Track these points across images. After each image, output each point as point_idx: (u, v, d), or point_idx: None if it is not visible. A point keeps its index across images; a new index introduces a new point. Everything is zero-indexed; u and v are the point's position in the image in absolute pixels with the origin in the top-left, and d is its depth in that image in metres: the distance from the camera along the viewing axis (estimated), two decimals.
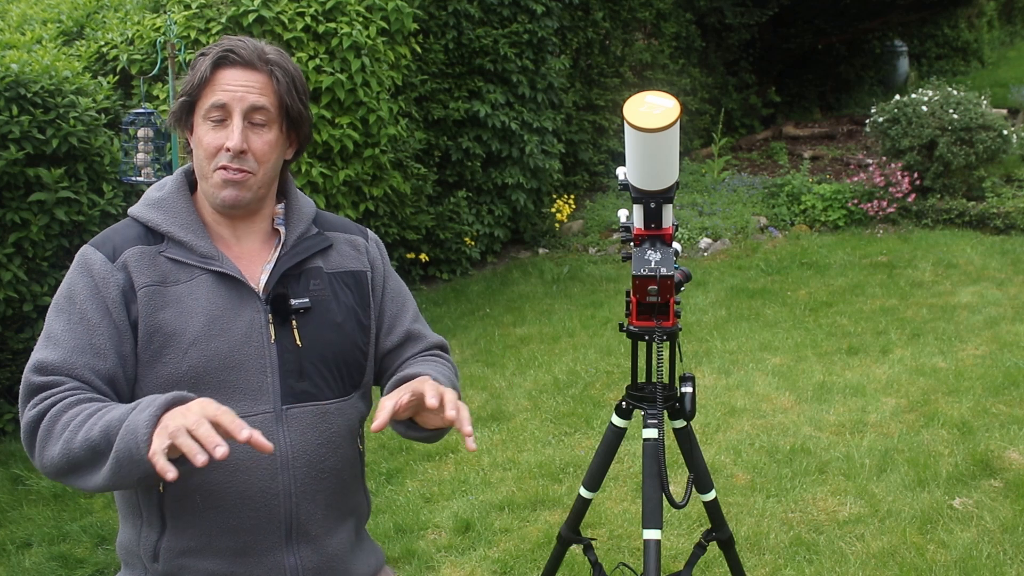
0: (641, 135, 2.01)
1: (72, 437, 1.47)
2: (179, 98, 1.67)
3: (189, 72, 1.67)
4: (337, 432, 1.70)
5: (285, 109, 1.66)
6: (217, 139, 1.63)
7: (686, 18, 11.26)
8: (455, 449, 4.54)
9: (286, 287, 1.68)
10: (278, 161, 1.71)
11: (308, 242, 1.74)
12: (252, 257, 1.71)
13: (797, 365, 5.46)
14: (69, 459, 1.48)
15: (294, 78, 1.68)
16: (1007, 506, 3.72)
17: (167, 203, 1.69)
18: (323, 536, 1.69)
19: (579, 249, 8.59)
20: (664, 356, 2.21)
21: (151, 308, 1.60)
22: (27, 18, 6.21)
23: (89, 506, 4.15)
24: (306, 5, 5.52)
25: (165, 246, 1.65)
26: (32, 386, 1.56)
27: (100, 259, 1.62)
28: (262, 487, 1.62)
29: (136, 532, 1.66)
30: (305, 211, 1.78)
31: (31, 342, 4.77)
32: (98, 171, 4.89)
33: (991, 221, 8.31)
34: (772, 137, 12.07)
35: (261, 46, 1.67)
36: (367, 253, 1.83)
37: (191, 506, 1.61)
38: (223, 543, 1.62)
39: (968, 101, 8.75)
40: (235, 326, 1.63)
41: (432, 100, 7.52)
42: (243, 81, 1.63)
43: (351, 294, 1.76)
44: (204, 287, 1.63)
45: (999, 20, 18.22)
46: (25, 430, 1.54)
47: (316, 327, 1.68)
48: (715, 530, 2.51)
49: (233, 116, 1.62)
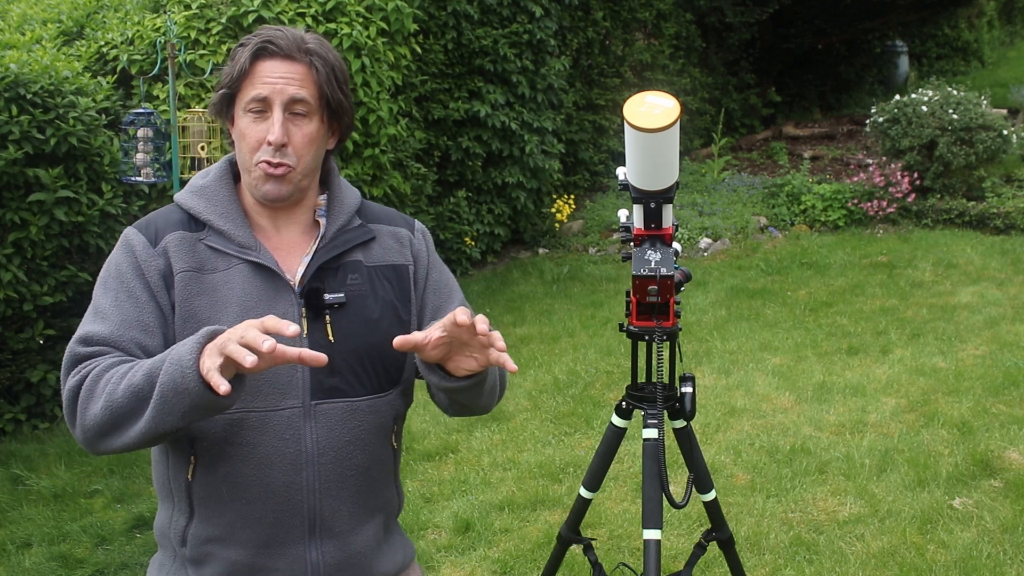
0: (641, 135, 2.00)
1: (114, 389, 1.47)
2: (219, 90, 1.66)
3: (228, 63, 1.66)
4: (367, 429, 1.67)
5: (325, 100, 1.65)
6: (259, 132, 1.62)
7: (686, 18, 11.26)
8: (455, 449, 4.54)
9: (322, 281, 1.66)
10: (319, 152, 1.69)
11: (348, 235, 1.71)
12: (291, 248, 1.69)
13: (797, 365, 5.46)
14: (112, 411, 1.47)
15: (334, 67, 1.66)
16: (1007, 506, 3.72)
17: (210, 191, 1.68)
18: (347, 533, 1.68)
19: (579, 249, 8.59)
20: (664, 356, 2.21)
21: (187, 294, 1.60)
22: (27, 18, 6.20)
23: (89, 506, 4.15)
24: (306, 5, 5.52)
25: (206, 234, 1.65)
26: (76, 356, 1.56)
27: (142, 242, 1.62)
28: (286, 481, 1.61)
29: (169, 516, 1.67)
30: (347, 203, 1.75)
31: (31, 342, 4.77)
32: (98, 171, 4.88)
33: (991, 221, 8.31)
34: (772, 137, 12.07)
35: (300, 35, 1.65)
36: (411, 246, 1.79)
37: (218, 495, 1.61)
38: (246, 534, 1.62)
39: (968, 101, 8.75)
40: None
41: (432, 100, 7.52)
42: (282, 72, 1.61)
43: (391, 288, 1.72)
44: (240, 277, 1.62)
45: (999, 20, 18.22)
46: (66, 398, 1.54)
47: (350, 323, 1.66)
48: (715, 530, 2.51)
49: (273, 108, 1.61)
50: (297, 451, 1.61)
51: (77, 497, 4.22)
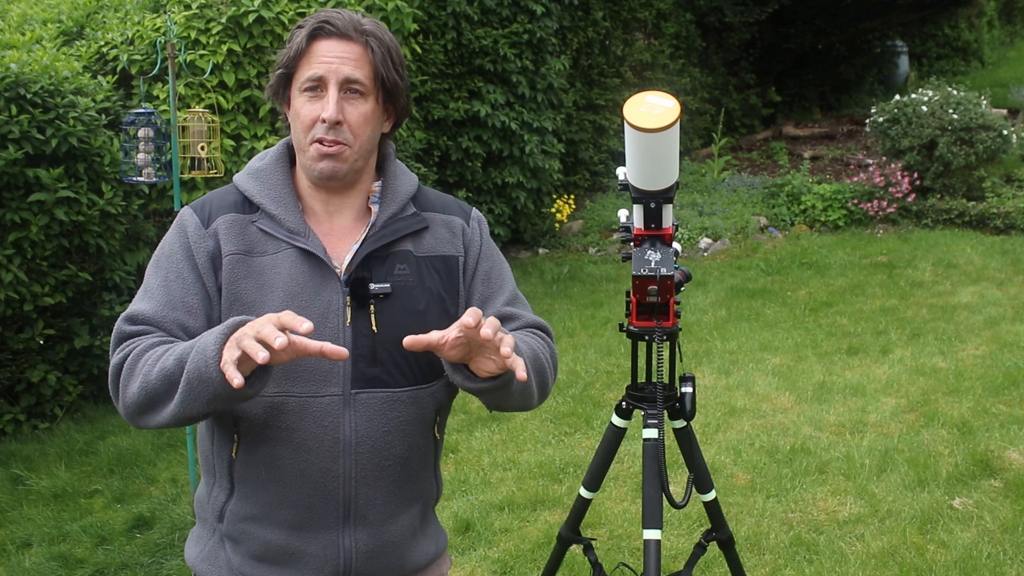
0: (641, 135, 2.00)
1: (150, 371, 1.51)
2: (276, 71, 1.66)
3: (286, 45, 1.66)
4: (407, 420, 1.66)
5: (381, 80, 1.64)
6: (313, 111, 1.61)
7: (686, 18, 11.26)
8: (455, 449, 4.54)
9: (369, 270, 1.65)
10: (375, 133, 1.68)
11: (400, 224, 1.70)
12: (342, 234, 1.68)
13: (797, 365, 5.46)
14: (147, 392, 1.51)
15: (390, 49, 1.65)
16: (1007, 506, 3.72)
17: (264, 174, 1.69)
18: (382, 522, 1.68)
19: (579, 249, 8.59)
20: (664, 356, 2.21)
21: (234, 276, 1.61)
22: (27, 18, 6.21)
23: (89, 506, 4.15)
24: (306, 5, 5.52)
25: (258, 216, 1.65)
26: (122, 334, 1.60)
27: (195, 223, 1.64)
28: (323, 468, 1.62)
29: (209, 489, 1.70)
30: (402, 190, 1.73)
31: (31, 342, 4.77)
32: (98, 171, 4.88)
33: (991, 221, 8.31)
34: (772, 137, 12.07)
35: (357, 18, 1.65)
36: (463, 236, 1.76)
37: (256, 475, 1.63)
38: (282, 515, 1.64)
39: (968, 101, 8.75)
40: (313, 305, 1.61)
41: (432, 100, 7.52)
42: (338, 52, 1.61)
43: (439, 280, 1.71)
44: (287, 262, 1.62)
45: (999, 20, 18.22)
46: (111, 374, 1.58)
47: (395, 313, 1.64)
48: (715, 530, 2.51)
49: (328, 87, 1.61)
50: (335, 439, 1.61)
51: (77, 497, 4.22)
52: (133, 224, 5.21)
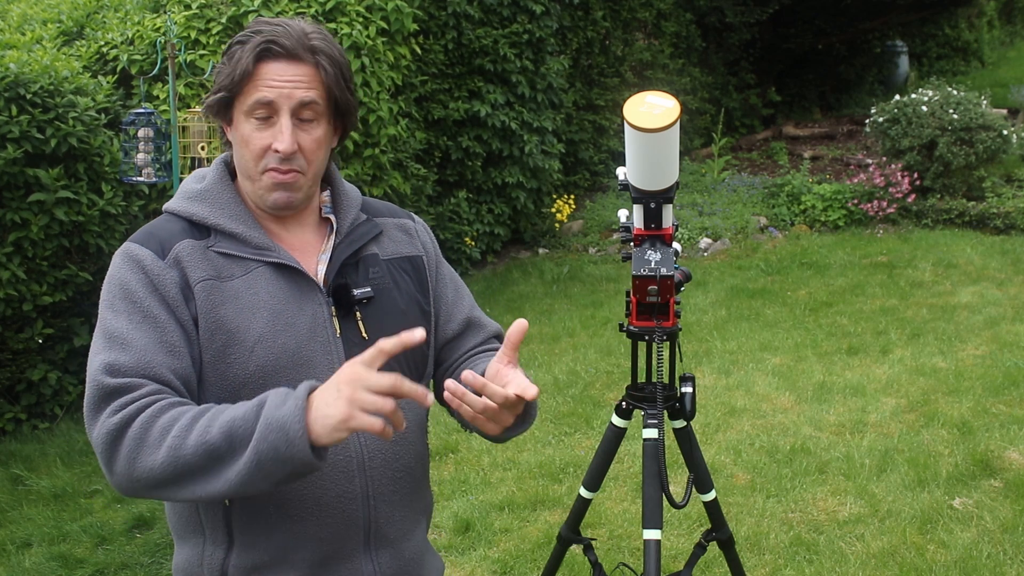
0: (641, 135, 2.00)
1: (180, 443, 1.35)
2: (217, 92, 1.54)
3: (224, 61, 1.53)
4: (409, 427, 1.58)
5: (334, 101, 1.55)
6: (264, 139, 1.51)
7: (686, 18, 11.26)
8: (455, 449, 4.54)
9: (346, 277, 1.58)
10: (327, 155, 1.61)
11: (360, 229, 1.64)
12: (305, 248, 1.60)
13: (797, 365, 5.46)
14: (177, 466, 1.35)
15: (341, 66, 1.56)
16: (1007, 506, 3.72)
17: (211, 195, 1.58)
18: (400, 539, 1.62)
19: (579, 249, 8.59)
20: (664, 356, 2.21)
21: (210, 304, 1.49)
22: (27, 18, 6.21)
23: (89, 506, 4.15)
24: (306, 5, 5.52)
25: (213, 240, 1.54)
26: (107, 389, 1.41)
27: (149, 256, 1.51)
28: (339, 492, 1.52)
29: (198, 551, 1.54)
30: (352, 196, 1.68)
31: (31, 342, 4.77)
32: (98, 171, 4.88)
33: (991, 221, 8.31)
34: (772, 137, 12.07)
35: (303, 30, 1.54)
36: (418, 236, 1.74)
37: (263, 518, 1.51)
38: (300, 555, 1.52)
39: (968, 101, 8.75)
40: (299, 321, 1.53)
41: (432, 100, 7.52)
42: (289, 76, 1.50)
43: (410, 280, 1.67)
44: (262, 280, 1.53)
45: (999, 20, 18.22)
46: (105, 439, 1.39)
47: (381, 317, 1.59)
48: (715, 530, 2.51)
49: (281, 115, 1.50)
50: (347, 457, 1.53)
51: (77, 497, 4.22)
52: (133, 224, 5.21)
